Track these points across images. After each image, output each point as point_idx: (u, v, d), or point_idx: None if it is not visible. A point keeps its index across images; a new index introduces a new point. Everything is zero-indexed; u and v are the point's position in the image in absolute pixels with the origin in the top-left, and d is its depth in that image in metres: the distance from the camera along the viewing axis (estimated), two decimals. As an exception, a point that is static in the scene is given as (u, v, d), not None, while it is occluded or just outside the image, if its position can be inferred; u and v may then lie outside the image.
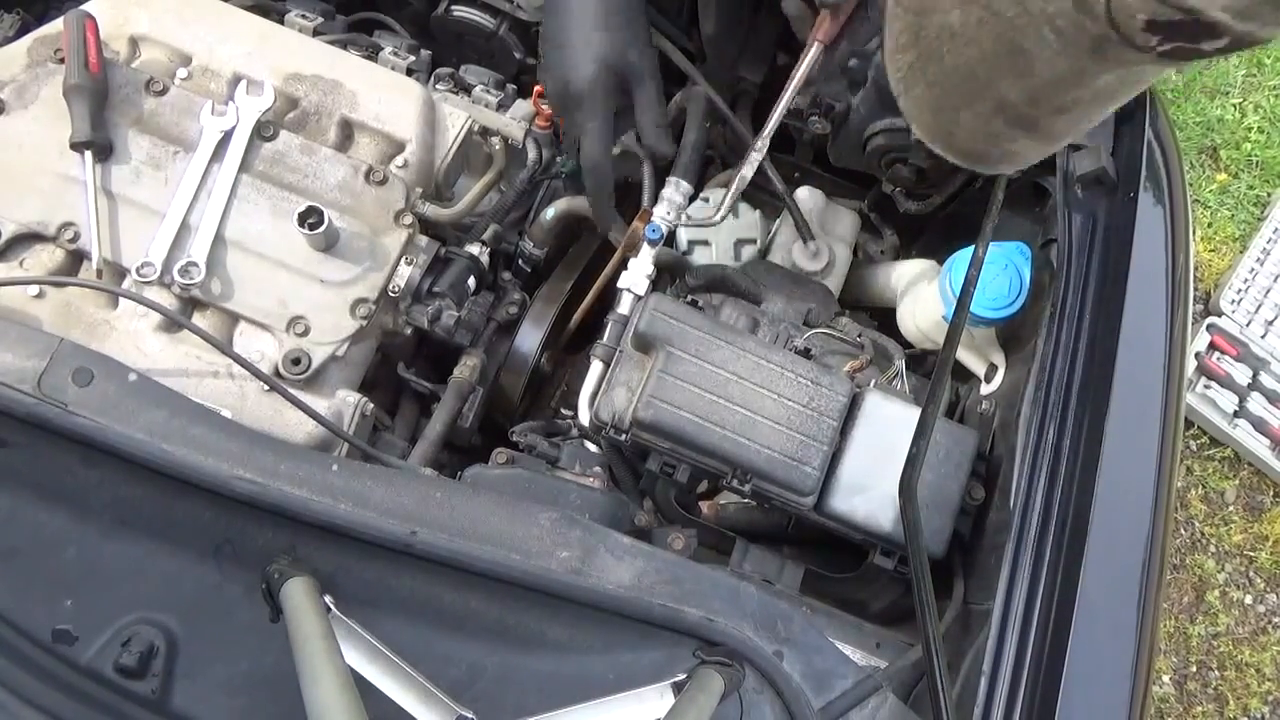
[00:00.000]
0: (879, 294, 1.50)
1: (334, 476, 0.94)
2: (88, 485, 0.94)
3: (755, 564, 1.23)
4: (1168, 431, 1.11)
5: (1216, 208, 2.84)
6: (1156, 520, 1.06)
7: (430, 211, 1.29)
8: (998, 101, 0.66)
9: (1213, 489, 2.58)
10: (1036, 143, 0.71)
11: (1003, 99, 0.66)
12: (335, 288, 1.19)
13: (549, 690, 0.94)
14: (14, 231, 1.16)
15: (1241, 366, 2.60)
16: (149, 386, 0.96)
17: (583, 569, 0.94)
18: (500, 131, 1.39)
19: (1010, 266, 1.24)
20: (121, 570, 0.93)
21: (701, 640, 0.96)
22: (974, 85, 0.66)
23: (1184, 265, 1.21)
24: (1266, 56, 2.96)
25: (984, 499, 1.16)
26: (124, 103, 1.22)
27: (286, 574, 0.90)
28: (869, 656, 1.11)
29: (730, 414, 1.13)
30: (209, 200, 1.19)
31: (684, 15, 1.52)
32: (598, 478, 1.21)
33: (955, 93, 0.68)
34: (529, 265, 1.44)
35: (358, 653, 0.88)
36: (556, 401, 1.44)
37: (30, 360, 0.94)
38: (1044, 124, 0.68)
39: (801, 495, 1.14)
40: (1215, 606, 2.48)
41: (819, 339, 1.30)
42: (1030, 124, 0.68)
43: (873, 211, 1.65)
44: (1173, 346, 1.15)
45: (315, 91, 1.29)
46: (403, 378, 1.31)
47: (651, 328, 1.16)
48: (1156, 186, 1.24)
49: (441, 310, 1.25)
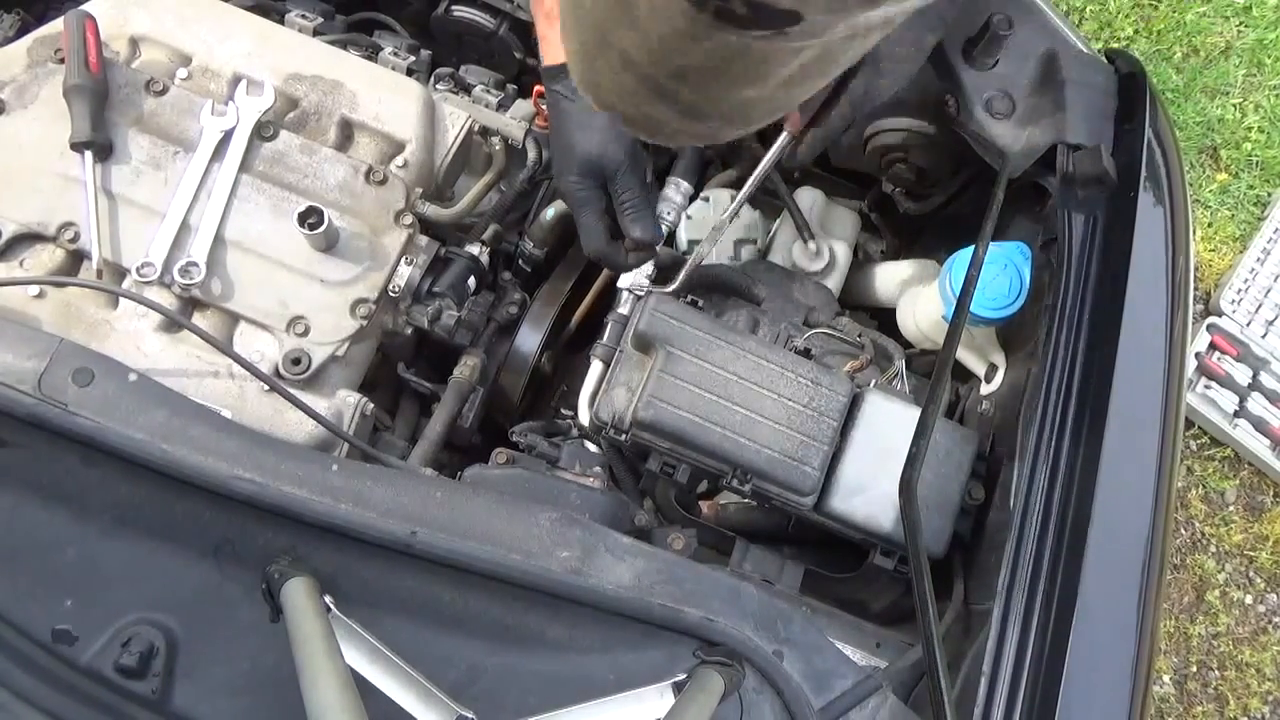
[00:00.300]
0: (879, 294, 1.50)
1: (334, 476, 0.94)
2: (88, 485, 0.94)
3: (755, 564, 1.23)
4: (1168, 431, 1.11)
5: (1216, 208, 2.84)
6: (1156, 520, 1.06)
7: (430, 211, 1.29)
8: (621, 54, 0.66)
9: (1213, 489, 2.58)
10: (679, 116, 0.71)
11: (625, 52, 0.66)
12: (335, 288, 1.19)
13: (549, 690, 0.94)
14: (14, 231, 1.16)
15: (1241, 366, 2.60)
16: (149, 386, 0.96)
17: (583, 569, 0.94)
18: (500, 131, 1.39)
19: (1010, 266, 1.24)
20: (121, 570, 0.93)
21: (701, 640, 0.96)
22: (598, 33, 0.66)
23: (1184, 265, 1.21)
24: (1266, 57, 2.96)
25: (984, 499, 1.16)
26: (124, 103, 1.22)
27: (286, 574, 0.90)
28: (869, 656, 1.11)
29: (730, 414, 1.13)
30: (209, 200, 1.19)
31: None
32: (598, 478, 1.21)
33: (588, 39, 0.68)
34: (529, 265, 1.44)
35: (358, 653, 0.88)
36: (556, 401, 1.44)
37: (30, 360, 0.94)
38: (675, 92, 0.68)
39: (801, 495, 1.14)
40: (1215, 606, 2.48)
41: (819, 339, 1.30)
42: (660, 89, 0.68)
43: (873, 211, 1.65)
44: (1173, 346, 1.15)
45: (315, 91, 1.29)
46: (403, 378, 1.31)
47: (651, 328, 1.16)
48: (1156, 186, 1.24)
49: (441, 310, 1.25)
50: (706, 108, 0.69)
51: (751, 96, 0.68)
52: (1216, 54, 2.96)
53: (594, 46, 0.68)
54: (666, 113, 0.71)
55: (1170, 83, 2.91)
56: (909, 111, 1.37)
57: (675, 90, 0.67)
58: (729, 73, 0.65)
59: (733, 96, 0.67)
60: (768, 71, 0.64)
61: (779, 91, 0.67)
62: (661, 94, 0.68)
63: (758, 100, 0.69)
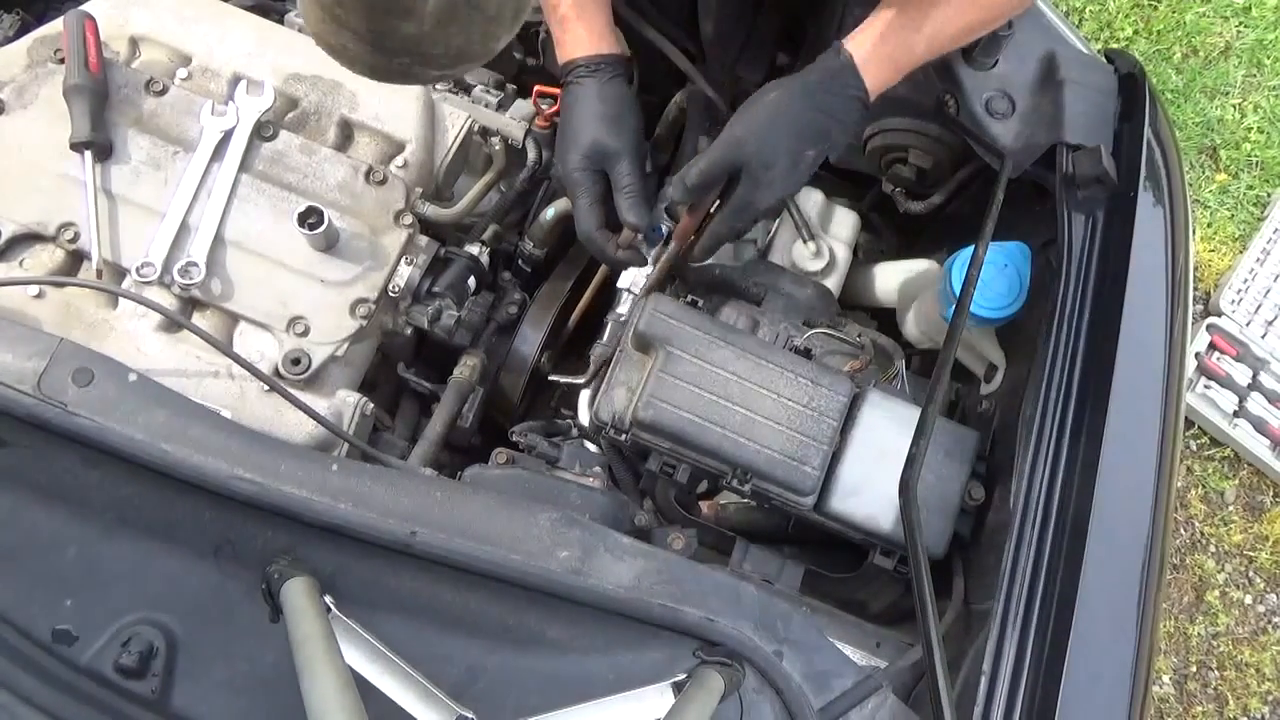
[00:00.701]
0: (879, 294, 1.50)
1: (334, 476, 0.94)
2: (88, 485, 0.94)
3: (755, 564, 1.23)
4: (1168, 431, 1.11)
5: (1216, 208, 2.84)
6: (1156, 520, 1.06)
7: (430, 211, 1.29)
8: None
9: (1213, 489, 2.58)
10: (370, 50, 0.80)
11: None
12: (335, 288, 1.19)
13: (549, 690, 0.94)
14: (14, 231, 1.16)
15: (1241, 366, 2.60)
16: (149, 386, 0.96)
17: (583, 569, 0.94)
18: (500, 131, 1.39)
19: (1010, 266, 1.24)
20: (121, 570, 0.93)
21: (701, 640, 0.96)
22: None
23: (1184, 265, 1.21)
24: (1266, 57, 2.96)
25: (984, 499, 1.16)
26: (124, 103, 1.22)
27: (286, 574, 0.90)
28: (869, 656, 1.11)
29: (730, 414, 1.13)
30: (209, 200, 1.19)
31: (684, 15, 1.52)
32: (598, 478, 1.21)
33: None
34: (529, 265, 1.44)
35: (358, 653, 0.88)
36: (556, 401, 1.44)
37: (30, 360, 0.94)
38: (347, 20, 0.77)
39: (801, 495, 1.14)
40: (1215, 606, 2.48)
41: (819, 339, 1.30)
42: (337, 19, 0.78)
43: (873, 211, 1.65)
44: (1173, 346, 1.15)
45: (315, 91, 1.30)
46: (403, 378, 1.31)
47: (651, 328, 1.16)
48: (1156, 186, 1.24)
49: (441, 310, 1.25)
50: (379, 40, 0.78)
51: (414, 32, 0.76)
52: (1216, 54, 2.96)
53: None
54: (353, 41, 0.79)
55: (1170, 83, 2.91)
56: (909, 111, 1.37)
57: (345, 19, 0.77)
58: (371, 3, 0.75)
59: (396, 30, 0.76)
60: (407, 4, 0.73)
61: (439, 30, 0.76)
62: (338, 22, 0.77)
63: (424, 37, 0.77)
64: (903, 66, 1.16)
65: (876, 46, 1.14)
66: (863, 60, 1.14)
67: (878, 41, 1.14)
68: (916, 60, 1.16)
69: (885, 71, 1.15)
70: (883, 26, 1.14)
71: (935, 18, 1.13)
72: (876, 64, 1.14)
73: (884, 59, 1.14)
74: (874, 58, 1.14)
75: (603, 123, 1.20)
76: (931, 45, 1.14)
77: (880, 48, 1.14)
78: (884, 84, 1.16)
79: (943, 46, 1.15)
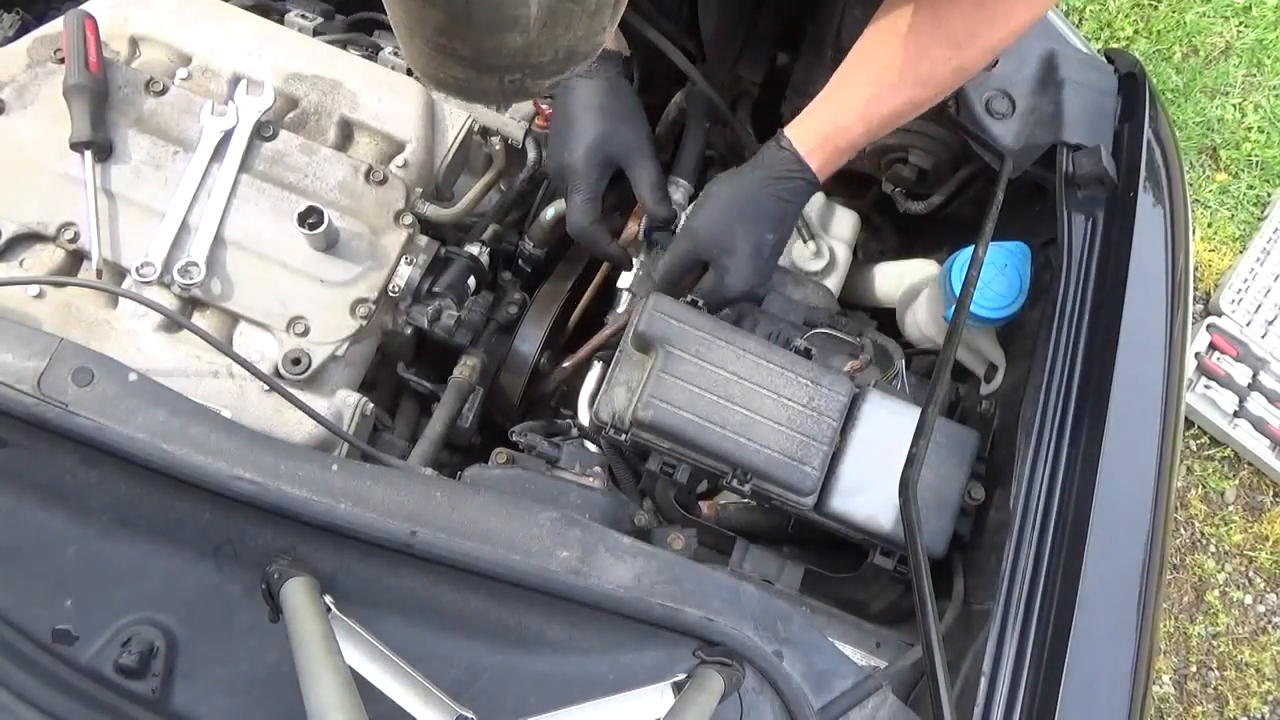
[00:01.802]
0: (879, 294, 1.50)
1: (334, 476, 0.94)
2: (88, 485, 0.94)
3: (755, 564, 1.23)
4: (1168, 431, 1.11)
5: (1216, 208, 2.84)
6: (1156, 520, 1.06)
7: (430, 211, 1.29)
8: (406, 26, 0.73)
9: (1213, 489, 2.58)
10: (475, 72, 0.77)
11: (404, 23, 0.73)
12: (335, 288, 1.19)
13: (549, 690, 0.94)
14: (14, 231, 1.16)
15: (1241, 366, 2.60)
16: (149, 386, 0.96)
17: (583, 569, 0.94)
18: (500, 131, 1.39)
19: (1010, 266, 1.24)
20: (121, 570, 0.93)
21: (701, 640, 0.96)
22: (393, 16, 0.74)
23: (1184, 265, 1.21)
24: (1266, 57, 2.96)
25: (984, 499, 1.16)
26: (124, 103, 1.22)
27: (286, 574, 0.90)
28: (869, 656, 1.11)
29: (730, 414, 1.13)
30: (209, 200, 1.19)
31: (684, 15, 1.52)
32: (598, 478, 1.21)
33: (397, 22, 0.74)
34: (529, 265, 1.44)
35: (358, 653, 0.88)
36: (556, 401, 1.44)
37: (30, 360, 0.94)
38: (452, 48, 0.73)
39: (801, 495, 1.14)
40: (1215, 606, 2.48)
41: (819, 339, 1.30)
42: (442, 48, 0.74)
43: (873, 211, 1.65)
44: (1173, 346, 1.15)
45: (315, 91, 1.29)
46: (403, 378, 1.31)
47: (651, 328, 1.16)
48: (1156, 186, 1.24)
49: (441, 310, 1.25)
50: (488, 59, 0.75)
51: (521, 43, 0.73)
52: (1216, 54, 2.96)
53: (398, 25, 0.75)
54: (462, 70, 0.76)
55: (1170, 83, 2.91)
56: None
57: (451, 47, 0.73)
58: (476, 20, 0.70)
59: (503, 45, 0.73)
60: (511, 15, 0.70)
61: (546, 34, 0.73)
62: (445, 52, 0.74)
63: (531, 46, 0.74)
64: (845, 149, 1.20)
65: (815, 134, 1.19)
66: (806, 151, 1.18)
67: (816, 129, 1.19)
68: (858, 142, 1.19)
69: (828, 155, 1.19)
70: (820, 114, 1.19)
71: (869, 103, 1.16)
72: (820, 151, 1.19)
73: (825, 145, 1.19)
74: (816, 146, 1.19)
75: (613, 118, 1.21)
76: (869, 129, 1.18)
77: (819, 134, 1.19)
78: (830, 166, 1.21)
79: (881, 129, 1.19)
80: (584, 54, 0.79)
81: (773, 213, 1.20)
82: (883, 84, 1.15)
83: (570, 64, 0.79)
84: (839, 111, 1.18)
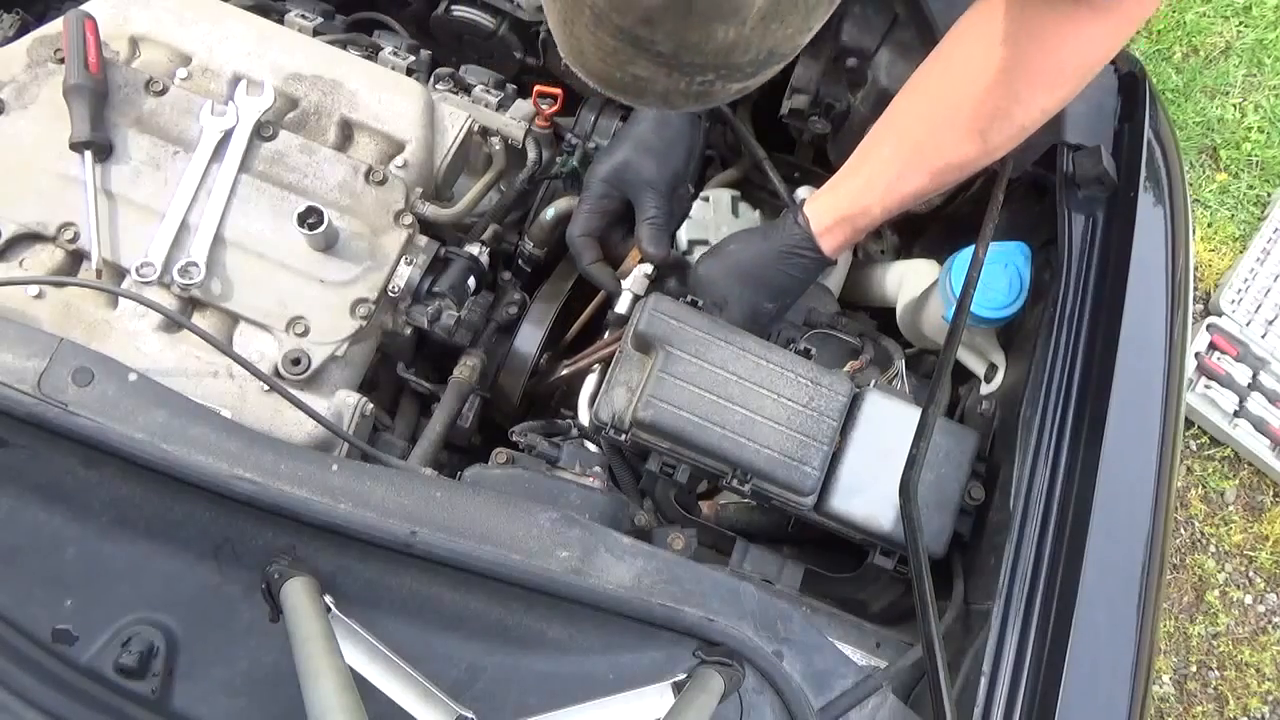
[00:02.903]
0: (879, 294, 1.50)
1: (334, 476, 0.94)
2: (88, 485, 0.94)
3: (755, 564, 1.23)
4: (1168, 431, 1.11)
5: (1216, 208, 2.84)
6: (1156, 520, 1.06)
7: (430, 211, 1.29)
8: (591, 9, 0.66)
9: (1213, 489, 2.58)
10: (665, 71, 0.70)
11: (593, 6, 0.66)
12: (335, 288, 1.19)
13: (549, 690, 0.94)
14: (14, 231, 1.16)
15: (1241, 366, 2.60)
16: (149, 386, 0.96)
17: (583, 569, 0.94)
18: (500, 131, 1.39)
19: (1010, 266, 1.24)
20: (121, 570, 0.93)
21: (701, 640, 0.96)
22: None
23: (1184, 265, 1.21)
24: (1266, 56, 2.96)
25: (984, 499, 1.16)
26: (124, 103, 1.22)
27: (286, 574, 0.90)
28: (869, 656, 1.11)
29: (730, 414, 1.13)
30: (209, 200, 1.19)
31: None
32: (598, 478, 1.21)
33: (563, 4, 0.69)
34: (529, 265, 1.44)
35: (358, 653, 0.88)
36: (556, 401, 1.44)
37: (30, 360, 0.94)
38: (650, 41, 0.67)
39: (801, 495, 1.14)
40: (1215, 606, 2.48)
41: (819, 339, 1.30)
42: (635, 40, 0.67)
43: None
44: (1173, 346, 1.15)
45: (315, 91, 1.29)
46: (403, 378, 1.31)
47: (651, 328, 1.16)
48: (1156, 186, 1.24)
49: (441, 310, 1.25)
50: (686, 55, 0.68)
51: (731, 37, 0.65)
52: (1216, 54, 2.96)
53: (569, 9, 0.68)
54: (650, 67, 0.69)
55: (1170, 83, 2.91)
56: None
57: (650, 39, 0.66)
58: (695, 8, 0.63)
59: (710, 38, 0.66)
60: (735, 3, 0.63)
61: (759, 29, 0.66)
62: (638, 44, 0.67)
63: (739, 42, 0.66)
64: (863, 229, 1.21)
65: (834, 211, 1.19)
66: (822, 229, 1.19)
67: (834, 207, 1.19)
68: (876, 221, 1.20)
69: (845, 235, 1.20)
70: (841, 190, 1.20)
71: (891, 185, 1.16)
72: (837, 230, 1.20)
73: (843, 224, 1.19)
74: (834, 223, 1.19)
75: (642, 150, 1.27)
76: (888, 208, 1.18)
77: (837, 212, 1.19)
78: (845, 245, 1.22)
79: (902, 207, 1.19)
80: (782, 56, 0.73)
81: (775, 284, 1.22)
82: (906, 165, 1.15)
83: (766, 67, 0.73)
84: (861, 190, 1.18)
